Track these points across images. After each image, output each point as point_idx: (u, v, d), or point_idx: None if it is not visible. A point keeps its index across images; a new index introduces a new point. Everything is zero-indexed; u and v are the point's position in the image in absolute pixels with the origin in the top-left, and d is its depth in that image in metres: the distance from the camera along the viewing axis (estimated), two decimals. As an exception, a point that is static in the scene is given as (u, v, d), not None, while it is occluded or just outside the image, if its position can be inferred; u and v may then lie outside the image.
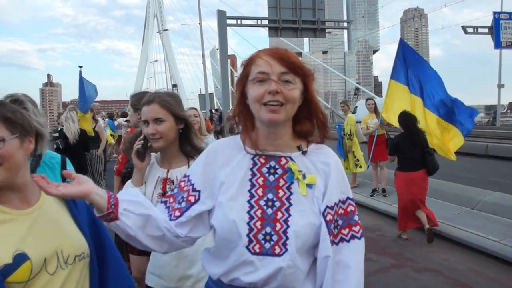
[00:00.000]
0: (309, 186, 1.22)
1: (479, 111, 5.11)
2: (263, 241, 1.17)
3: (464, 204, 6.00)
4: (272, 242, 1.17)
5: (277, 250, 1.16)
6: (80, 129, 5.78)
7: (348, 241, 1.21)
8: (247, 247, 1.17)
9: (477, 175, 8.98)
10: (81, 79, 6.97)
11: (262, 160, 1.25)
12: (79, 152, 5.74)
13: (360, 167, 7.86)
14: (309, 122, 1.27)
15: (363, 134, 7.75)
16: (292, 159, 1.25)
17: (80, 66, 7.56)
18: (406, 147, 5.09)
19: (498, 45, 23.80)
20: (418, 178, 5.01)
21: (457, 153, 5.14)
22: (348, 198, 1.25)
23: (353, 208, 1.25)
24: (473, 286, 3.85)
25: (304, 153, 1.26)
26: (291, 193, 1.21)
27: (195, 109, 4.20)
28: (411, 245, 5.07)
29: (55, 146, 5.98)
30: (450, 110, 5.09)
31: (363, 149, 8.03)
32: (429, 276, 4.12)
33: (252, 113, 1.23)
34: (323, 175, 1.24)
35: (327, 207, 1.20)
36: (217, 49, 27.57)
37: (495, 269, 4.22)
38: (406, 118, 5.10)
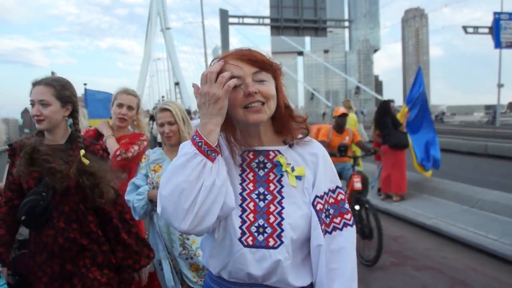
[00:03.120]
0: (299, 178, 1.22)
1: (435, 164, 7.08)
2: (256, 234, 1.16)
3: (464, 202, 6.03)
4: (265, 235, 1.16)
5: (271, 243, 1.16)
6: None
7: (341, 229, 1.22)
8: (239, 239, 1.16)
9: (477, 174, 9.03)
10: (87, 95, 6.50)
11: (251, 156, 1.25)
12: None
13: (358, 165, 7.85)
14: (283, 117, 1.25)
15: (365, 134, 7.76)
16: (280, 153, 1.25)
17: (85, 84, 7.67)
18: (379, 127, 6.98)
19: (498, 45, 23.85)
20: (384, 150, 6.68)
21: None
22: (337, 187, 1.26)
23: (343, 197, 1.26)
24: (472, 284, 3.88)
25: (290, 146, 1.26)
26: (282, 186, 1.21)
27: (168, 110, 2.42)
28: (411, 243, 5.11)
29: None
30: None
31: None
32: (429, 274, 4.15)
33: (229, 116, 1.17)
34: (312, 166, 1.24)
35: (316, 196, 1.20)
36: (219, 47, 27.57)
37: (494, 267, 4.25)
38: (381, 104, 7.08)
